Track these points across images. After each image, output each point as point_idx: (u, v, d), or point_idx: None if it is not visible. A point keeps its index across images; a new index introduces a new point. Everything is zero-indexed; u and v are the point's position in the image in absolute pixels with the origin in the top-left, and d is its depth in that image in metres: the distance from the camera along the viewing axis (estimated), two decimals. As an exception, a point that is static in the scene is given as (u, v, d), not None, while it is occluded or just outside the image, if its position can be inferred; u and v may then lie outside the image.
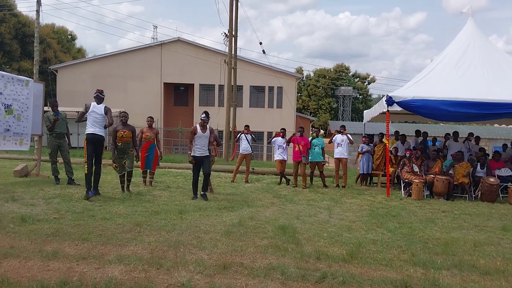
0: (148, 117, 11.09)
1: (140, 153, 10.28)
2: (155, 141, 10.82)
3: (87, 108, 8.65)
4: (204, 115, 9.29)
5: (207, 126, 9.35)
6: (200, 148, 9.19)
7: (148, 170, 10.86)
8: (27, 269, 4.31)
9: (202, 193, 9.21)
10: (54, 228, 5.93)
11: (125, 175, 9.32)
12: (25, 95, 10.47)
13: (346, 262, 4.99)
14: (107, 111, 8.73)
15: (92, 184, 8.52)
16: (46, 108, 11.77)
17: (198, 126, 9.26)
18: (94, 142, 8.55)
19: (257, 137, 13.31)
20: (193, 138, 9.19)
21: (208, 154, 9.33)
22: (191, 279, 4.15)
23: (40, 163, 11.94)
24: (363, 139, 13.45)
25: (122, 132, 9.12)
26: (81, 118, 8.72)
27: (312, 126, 40.08)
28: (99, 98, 8.79)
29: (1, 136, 9.89)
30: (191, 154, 9.21)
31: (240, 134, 13.32)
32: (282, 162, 12.84)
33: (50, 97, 11.05)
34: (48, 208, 7.33)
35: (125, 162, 9.19)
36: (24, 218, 6.37)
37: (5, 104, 9.86)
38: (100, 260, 4.62)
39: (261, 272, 4.46)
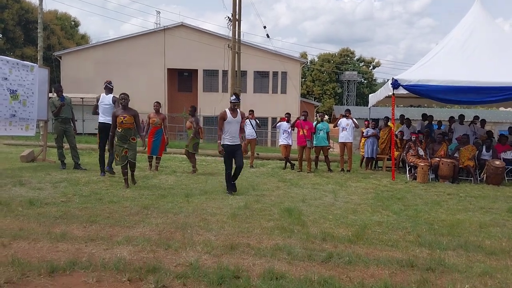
0: (155, 102, 11.12)
1: (146, 140, 10.33)
2: (162, 127, 10.83)
3: (97, 100, 9.66)
4: (234, 97, 8.21)
5: (238, 110, 8.24)
6: (231, 136, 8.07)
7: (155, 156, 10.90)
8: (37, 250, 4.36)
9: (232, 182, 8.21)
10: (62, 211, 5.99)
11: (128, 166, 8.29)
12: (30, 80, 10.48)
13: (351, 243, 5.02)
14: (115, 100, 9.46)
15: (107, 162, 9.54)
16: (51, 95, 11.81)
17: (227, 110, 8.12)
18: (105, 130, 9.29)
19: (261, 123, 13.30)
20: (223, 125, 8.09)
21: (240, 143, 8.26)
22: (199, 259, 4.20)
23: (46, 149, 12.00)
24: (366, 123, 13.44)
25: (122, 117, 8.06)
26: (95, 110, 9.75)
27: (317, 112, 40.02)
28: (108, 89, 9.74)
29: (7, 122, 9.93)
30: (223, 143, 8.09)
31: (245, 119, 13.30)
32: (287, 147, 12.86)
33: (54, 83, 11.08)
34: (56, 192, 7.39)
35: (126, 151, 8.12)
36: (32, 201, 6.43)
37: (10, 89, 9.88)
38: (108, 242, 4.67)
39: (268, 252, 4.50)
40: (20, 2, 41.08)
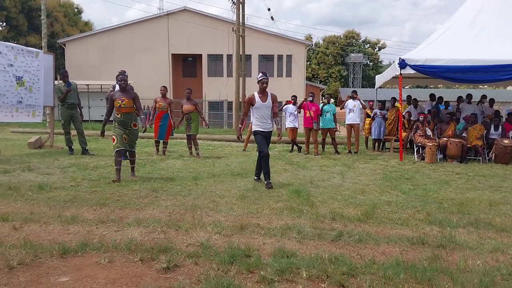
0: (162, 86, 11.12)
1: (147, 126, 10.35)
2: (169, 111, 10.82)
3: (113, 87, 9.79)
4: (261, 74, 7.09)
5: (269, 93, 7.22)
6: (262, 122, 7.16)
7: (161, 140, 10.91)
8: (48, 232, 4.39)
9: (266, 181, 7.09)
10: (72, 195, 6.02)
11: (126, 155, 7.76)
12: (36, 66, 10.48)
13: (361, 222, 5.01)
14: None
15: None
16: (56, 82, 11.80)
17: (256, 94, 7.13)
18: None
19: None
20: (249, 110, 7.27)
21: (272, 129, 7.41)
22: (209, 238, 4.21)
23: (53, 135, 12.04)
24: (370, 103, 13.37)
25: (120, 101, 7.09)
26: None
27: (322, 95, 39.83)
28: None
29: (13, 108, 9.95)
30: (254, 129, 7.31)
31: (277, 103, 13.20)
32: (294, 129, 12.82)
33: (59, 70, 11.09)
34: (64, 177, 7.42)
35: (126, 138, 7.22)
36: (42, 186, 6.47)
37: (16, 76, 9.89)
38: (119, 224, 4.69)
39: (278, 232, 4.50)
40: (22, -11, 40.91)
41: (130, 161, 7.69)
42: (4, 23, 41.51)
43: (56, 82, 11.73)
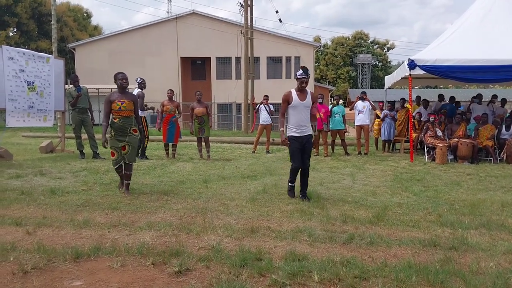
0: (168, 89, 11.16)
1: (149, 132, 10.80)
2: (177, 113, 10.87)
3: None
4: (301, 71, 6.24)
5: (308, 91, 6.38)
6: (298, 125, 6.17)
7: (171, 143, 10.97)
8: (61, 237, 4.43)
9: (301, 193, 6.31)
10: (83, 199, 6.07)
11: (123, 167, 6.42)
12: (47, 71, 10.59)
13: (372, 224, 5.00)
14: (139, 95, 10.11)
15: (140, 152, 10.27)
16: (67, 87, 11.92)
17: (293, 91, 6.28)
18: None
19: (275, 109, 13.25)
20: (286, 110, 6.31)
21: (311, 133, 6.35)
22: (220, 242, 4.22)
23: (65, 139, 12.14)
24: (380, 104, 13.32)
25: (120, 103, 6.26)
26: None
27: (331, 96, 39.74)
28: (139, 86, 10.52)
29: (25, 113, 10.06)
30: (288, 134, 6.27)
31: (259, 105, 13.27)
32: (303, 131, 12.79)
33: (69, 75, 11.27)
34: (76, 181, 7.49)
35: (124, 147, 6.31)
36: (54, 190, 6.53)
37: (27, 81, 10.00)
38: (130, 227, 4.72)
39: (289, 235, 4.51)
40: (32, -5, 41.31)
41: (125, 176, 6.45)
42: (15, 29, 41.94)
43: (67, 86, 11.84)
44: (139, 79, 10.68)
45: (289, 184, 6.45)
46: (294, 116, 6.21)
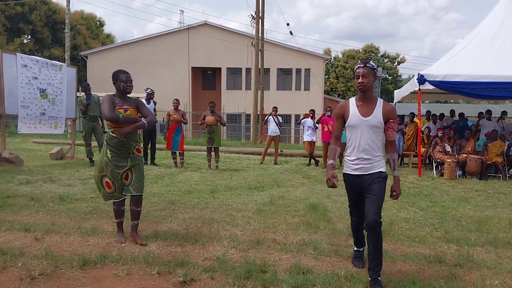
0: (174, 99, 11.34)
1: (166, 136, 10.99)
2: (182, 123, 11.04)
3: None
4: (361, 63, 4.02)
5: (379, 100, 3.92)
6: (354, 157, 3.86)
7: (177, 152, 11.06)
8: (68, 244, 4.48)
9: (369, 273, 3.68)
10: (92, 206, 6.13)
11: (123, 201, 4.77)
12: (59, 79, 10.75)
13: (378, 239, 4.99)
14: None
15: (149, 157, 11.01)
16: (78, 94, 12.08)
17: (353, 101, 4.07)
18: (148, 131, 10.68)
19: (284, 120, 13.28)
20: (340, 131, 4.07)
21: (380, 169, 3.84)
22: (226, 253, 4.25)
23: (75, 147, 12.26)
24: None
25: (122, 111, 4.51)
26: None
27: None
28: (148, 96, 11.23)
29: (37, 120, 10.20)
30: (345, 171, 3.98)
31: (268, 116, 13.33)
32: (311, 143, 12.83)
33: (81, 83, 11.45)
34: (85, 188, 7.56)
35: (127, 175, 4.56)
36: (63, 197, 6.60)
37: (40, 88, 10.16)
38: (137, 236, 4.75)
39: (294, 248, 4.52)
40: (48, 3, 41.91)
41: (132, 214, 4.69)
42: (30, 36, 42.56)
43: (78, 94, 12.00)
44: (149, 89, 10.88)
45: (354, 248, 4.29)
46: (352, 141, 3.87)
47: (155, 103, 11.35)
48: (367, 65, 3.91)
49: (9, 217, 5.38)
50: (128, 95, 4.71)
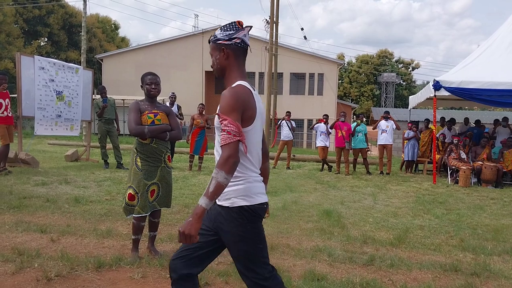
0: (200, 104, 11.41)
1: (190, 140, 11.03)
2: (205, 128, 11.12)
3: None
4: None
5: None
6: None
7: (197, 156, 11.12)
8: (84, 246, 4.52)
9: None
10: (107, 208, 6.18)
11: (148, 217, 4.30)
12: (75, 82, 10.86)
13: (393, 246, 4.96)
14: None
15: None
16: (94, 96, 12.19)
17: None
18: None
19: (297, 125, 13.25)
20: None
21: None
22: (240, 258, 4.24)
23: (90, 149, 12.37)
24: (409, 125, 13.17)
25: (152, 115, 4.18)
26: None
27: (354, 114, 39.56)
28: (171, 101, 11.09)
29: (53, 122, 10.32)
30: None
31: (281, 121, 13.32)
32: (324, 148, 12.79)
33: (96, 86, 11.58)
34: (100, 190, 7.62)
35: (153, 191, 4.14)
36: (78, 199, 6.66)
37: (56, 90, 10.28)
38: (151, 239, 4.78)
39: (308, 254, 4.51)
40: (64, 7, 42.49)
41: (150, 225, 4.38)
42: (47, 39, 43.16)
43: (94, 97, 12.11)
44: (172, 94, 11.03)
45: None
46: None
47: (179, 107, 11.38)
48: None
49: (26, 218, 5.44)
50: (156, 98, 4.33)
